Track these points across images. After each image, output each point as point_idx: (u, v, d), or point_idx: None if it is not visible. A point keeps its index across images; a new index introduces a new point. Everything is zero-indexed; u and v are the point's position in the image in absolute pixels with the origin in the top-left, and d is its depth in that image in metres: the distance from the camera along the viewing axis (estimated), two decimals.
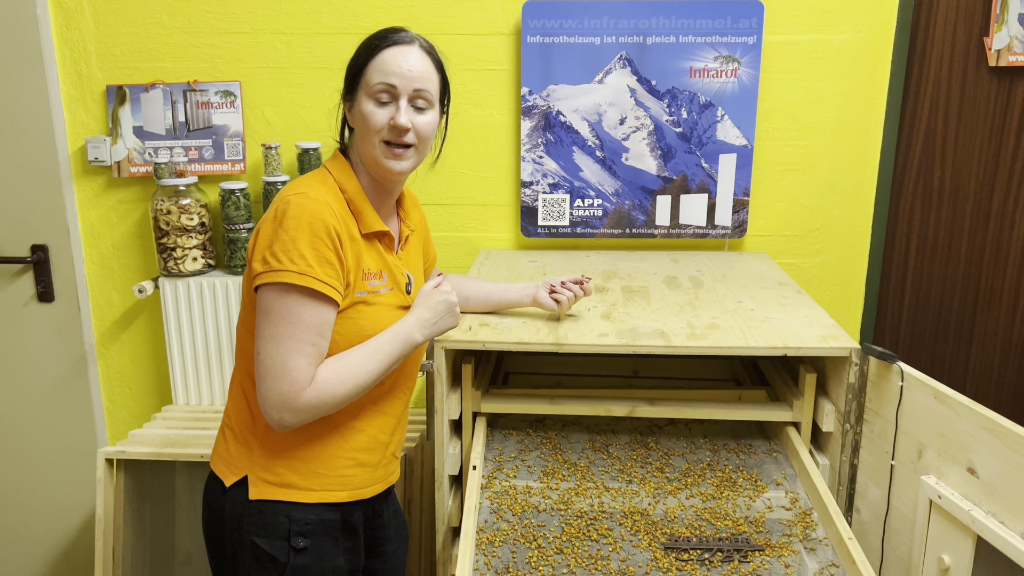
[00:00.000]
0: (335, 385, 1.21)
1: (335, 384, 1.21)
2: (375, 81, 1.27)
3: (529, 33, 2.07)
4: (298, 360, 1.17)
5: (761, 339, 1.50)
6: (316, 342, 1.19)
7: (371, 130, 1.27)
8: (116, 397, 2.35)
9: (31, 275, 2.24)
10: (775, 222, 2.21)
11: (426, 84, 1.29)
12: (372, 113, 1.27)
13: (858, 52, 2.10)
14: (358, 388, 1.23)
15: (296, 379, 1.17)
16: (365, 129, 1.28)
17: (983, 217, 2.24)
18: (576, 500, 1.47)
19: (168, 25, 2.12)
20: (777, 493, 1.50)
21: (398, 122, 1.26)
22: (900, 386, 1.40)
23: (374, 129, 1.27)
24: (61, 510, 2.40)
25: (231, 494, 1.27)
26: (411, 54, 1.28)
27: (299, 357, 1.17)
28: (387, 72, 1.27)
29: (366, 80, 1.28)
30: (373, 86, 1.27)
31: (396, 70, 1.27)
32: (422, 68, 1.29)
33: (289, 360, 1.17)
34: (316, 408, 1.20)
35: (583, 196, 2.17)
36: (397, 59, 1.27)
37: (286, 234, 1.18)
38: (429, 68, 1.30)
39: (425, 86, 1.29)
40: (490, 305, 1.64)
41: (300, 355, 1.17)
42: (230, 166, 2.18)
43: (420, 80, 1.28)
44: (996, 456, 1.21)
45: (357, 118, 1.30)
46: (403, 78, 1.27)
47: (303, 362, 1.18)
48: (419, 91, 1.28)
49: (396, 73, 1.26)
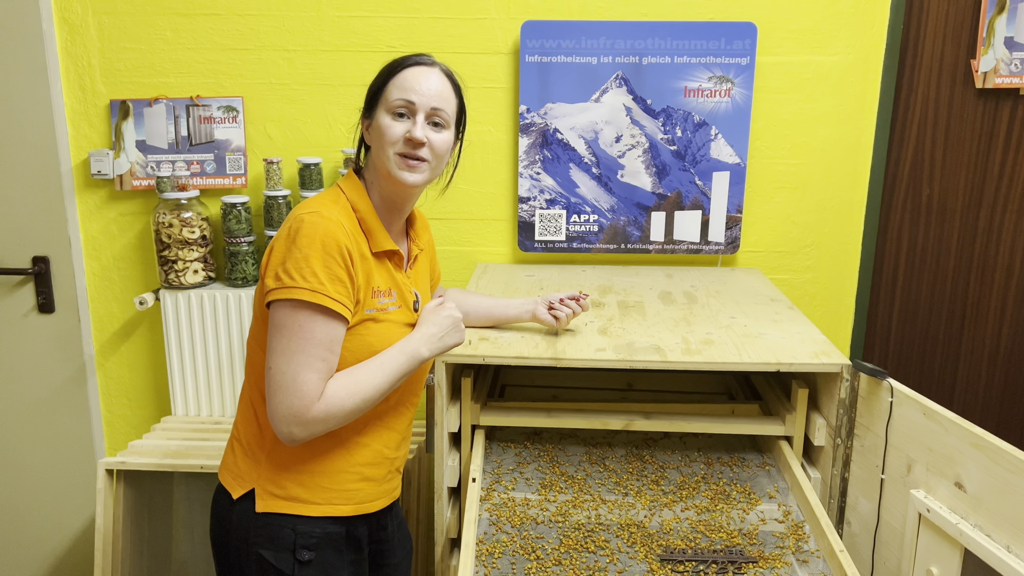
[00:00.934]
0: (343, 399, 1.23)
1: (343, 398, 1.23)
2: (394, 97, 1.31)
3: (528, 52, 2.11)
4: (308, 375, 1.20)
5: (755, 355, 1.54)
6: (326, 357, 1.22)
7: (387, 142, 1.30)
8: (115, 408, 2.37)
9: (32, 286, 2.26)
10: (767, 238, 2.26)
11: (444, 104, 1.33)
12: (389, 126, 1.30)
13: (848, 73, 2.15)
14: (366, 402, 1.26)
15: (306, 393, 1.20)
16: (381, 142, 1.31)
17: (970, 234, 2.29)
18: (574, 512, 1.50)
19: (172, 41, 2.15)
20: (770, 506, 1.53)
21: (414, 135, 1.29)
22: (890, 402, 1.44)
23: (390, 141, 1.30)
24: (60, 520, 2.41)
25: (238, 506, 1.30)
26: (431, 75, 1.33)
27: (309, 372, 1.20)
28: (407, 88, 1.30)
29: (386, 96, 1.32)
30: (392, 101, 1.31)
31: (416, 87, 1.31)
32: (441, 89, 1.33)
33: (300, 375, 1.20)
34: (325, 422, 1.23)
35: (579, 212, 2.20)
36: (418, 77, 1.31)
37: (299, 252, 1.21)
38: (448, 90, 1.35)
39: (443, 106, 1.33)
40: (490, 320, 1.67)
41: (310, 370, 1.20)
42: (232, 180, 2.21)
43: (438, 99, 1.32)
44: (983, 471, 1.25)
45: (374, 133, 1.34)
46: (422, 95, 1.31)
47: (313, 377, 1.21)
48: (437, 110, 1.32)
49: (416, 90, 1.30)
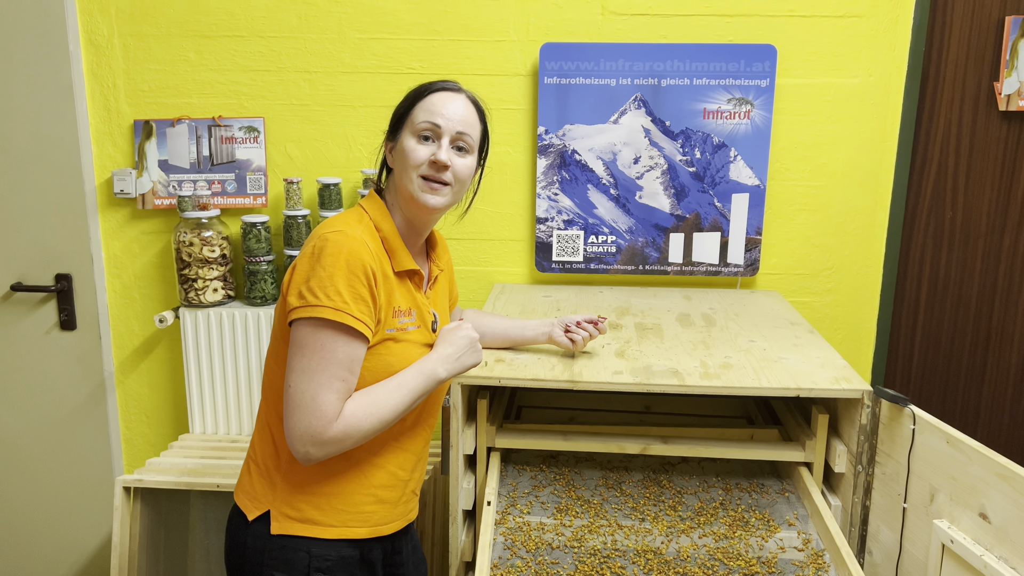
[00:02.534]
0: (361, 419, 1.23)
1: (361, 418, 1.23)
2: (420, 120, 1.32)
3: (546, 74, 2.12)
4: (327, 395, 1.20)
5: (774, 379, 1.52)
6: (346, 378, 1.22)
7: (411, 165, 1.31)
8: (133, 425, 2.38)
9: (54, 303, 2.29)
10: (787, 261, 2.24)
11: (469, 129, 1.34)
12: (413, 148, 1.31)
13: (869, 95, 2.14)
14: (383, 422, 1.26)
15: (325, 413, 1.20)
16: (405, 164, 1.32)
17: (994, 258, 2.26)
18: (589, 537, 1.48)
19: (195, 63, 2.18)
20: (789, 533, 1.51)
21: (439, 158, 1.30)
22: (912, 429, 1.42)
23: (414, 164, 1.31)
24: (77, 536, 2.42)
25: (253, 528, 1.30)
26: (458, 100, 1.34)
27: (328, 392, 1.20)
28: (433, 112, 1.31)
29: (411, 119, 1.33)
30: (418, 124, 1.32)
31: (442, 111, 1.31)
32: (466, 114, 1.34)
33: (319, 394, 1.20)
34: (342, 442, 1.22)
35: (597, 233, 2.20)
36: (444, 102, 1.33)
37: (323, 270, 1.21)
38: (473, 116, 1.36)
39: (468, 131, 1.33)
40: (506, 341, 1.66)
41: (330, 390, 1.20)
42: (252, 200, 2.23)
43: (463, 124, 1.33)
44: (1008, 502, 1.23)
45: (398, 156, 1.34)
46: (448, 119, 1.31)
47: (332, 397, 1.20)
48: (461, 134, 1.33)
49: (442, 114, 1.31)
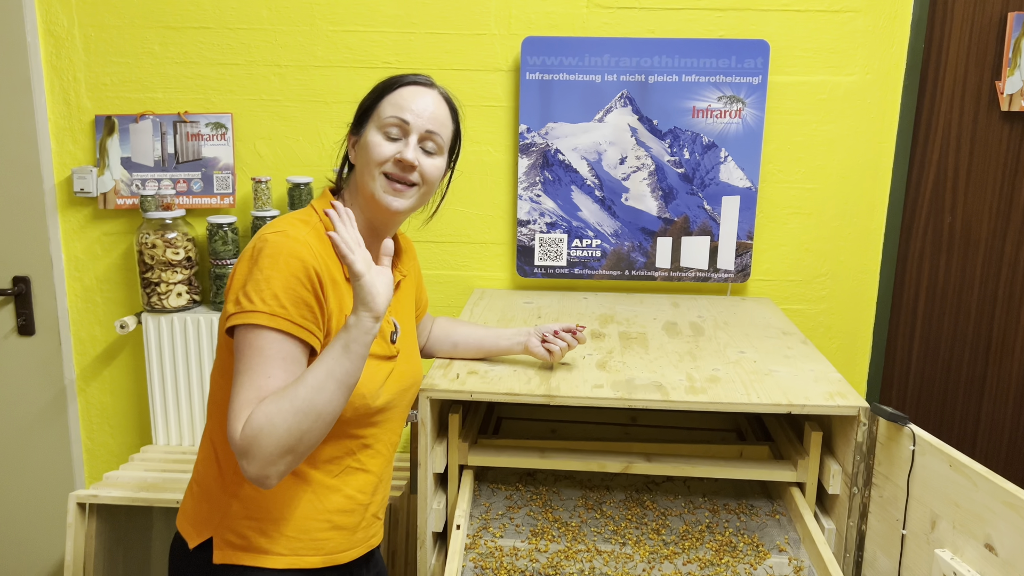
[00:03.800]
0: (272, 414, 1.02)
1: (272, 412, 1.02)
2: (387, 114, 1.22)
3: (528, 70, 2.02)
4: (248, 393, 1.05)
5: (764, 395, 1.42)
6: (273, 374, 1.06)
7: (374, 161, 1.20)
8: (96, 435, 2.27)
9: (12, 307, 2.18)
10: (779, 267, 2.14)
11: (439, 128, 1.24)
12: (378, 144, 1.21)
13: (866, 94, 2.04)
14: (310, 417, 1.04)
15: (237, 414, 1.04)
16: (367, 161, 1.21)
17: (995, 265, 2.16)
18: (566, 564, 1.38)
19: (160, 55, 2.07)
20: (780, 559, 1.41)
21: (405, 156, 1.20)
22: (912, 450, 1.32)
23: (377, 160, 1.20)
24: (35, 554, 2.30)
25: (194, 557, 1.18)
26: (428, 96, 1.24)
27: (249, 390, 1.05)
28: (402, 107, 1.22)
29: (378, 113, 1.23)
30: (385, 119, 1.21)
31: (412, 107, 1.22)
32: (437, 112, 1.24)
33: (238, 395, 1.05)
34: (258, 445, 1.01)
35: (581, 236, 2.10)
36: (415, 97, 1.23)
37: (260, 273, 1.10)
38: (444, 114, 1.26)
39: (438, 129, 1.24)
40: (480, 352, 1.57)
41: (252, 388, 1.05)
42: (219, 200, 2.12)
43: (433, 122, 1.23)
44: (1017, 533, 1.13)
45: (360, 152, 1.24)
46: (417, 115, 1.22)
47: (252, 395, 1.05)
48: (431, 132, 1.23)
49: (411, 110, 1.22)
